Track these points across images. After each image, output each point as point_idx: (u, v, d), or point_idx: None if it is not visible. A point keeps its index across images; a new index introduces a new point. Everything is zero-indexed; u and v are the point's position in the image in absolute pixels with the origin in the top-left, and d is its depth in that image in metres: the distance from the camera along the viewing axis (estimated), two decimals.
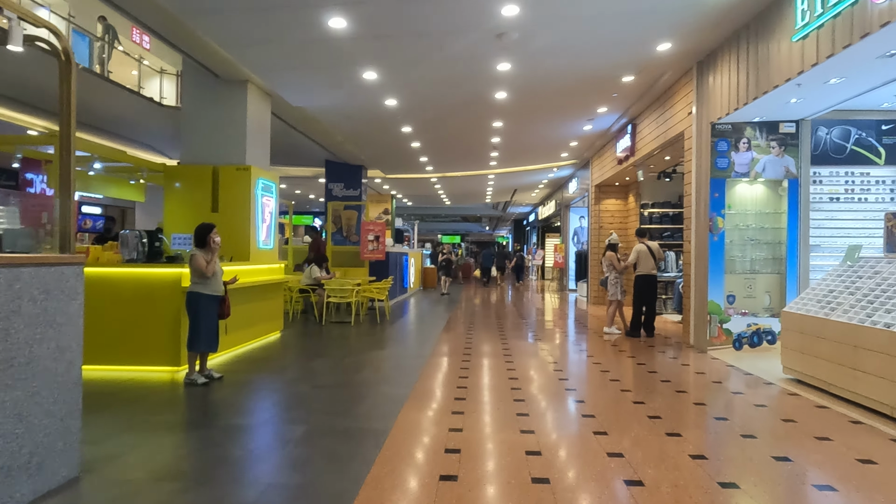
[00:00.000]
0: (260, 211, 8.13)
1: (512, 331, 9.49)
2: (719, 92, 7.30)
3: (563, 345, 8.35)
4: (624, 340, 8.63)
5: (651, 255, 9.01)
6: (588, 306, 14.39)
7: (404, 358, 7.01)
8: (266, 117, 8.77)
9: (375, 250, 12.90)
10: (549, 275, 26.52)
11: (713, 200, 7.55)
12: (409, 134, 11.97)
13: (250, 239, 7.87)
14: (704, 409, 4.85)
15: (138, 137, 13.21)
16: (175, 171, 7.99)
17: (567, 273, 20.50)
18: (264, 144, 8.67)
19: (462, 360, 6.84)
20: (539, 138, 12.84)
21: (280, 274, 8.72)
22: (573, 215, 20.55)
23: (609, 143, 13.18)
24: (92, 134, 11.70)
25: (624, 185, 14.79)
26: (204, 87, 8.02)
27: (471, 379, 5.82)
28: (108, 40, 12.04)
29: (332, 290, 9.88)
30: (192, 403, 4.95)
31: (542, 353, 7.46)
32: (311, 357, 7.09)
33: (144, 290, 6.00)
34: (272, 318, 8.49)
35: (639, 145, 10.96)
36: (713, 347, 7.57)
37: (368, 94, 8.91)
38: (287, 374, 6.04)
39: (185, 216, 7.82)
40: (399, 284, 15.46)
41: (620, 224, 14.99)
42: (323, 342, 8.23)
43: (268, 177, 8.42)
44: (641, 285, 9.03)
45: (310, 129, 12.06)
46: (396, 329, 9.65)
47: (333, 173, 15.62)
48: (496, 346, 7.90)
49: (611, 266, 9.45)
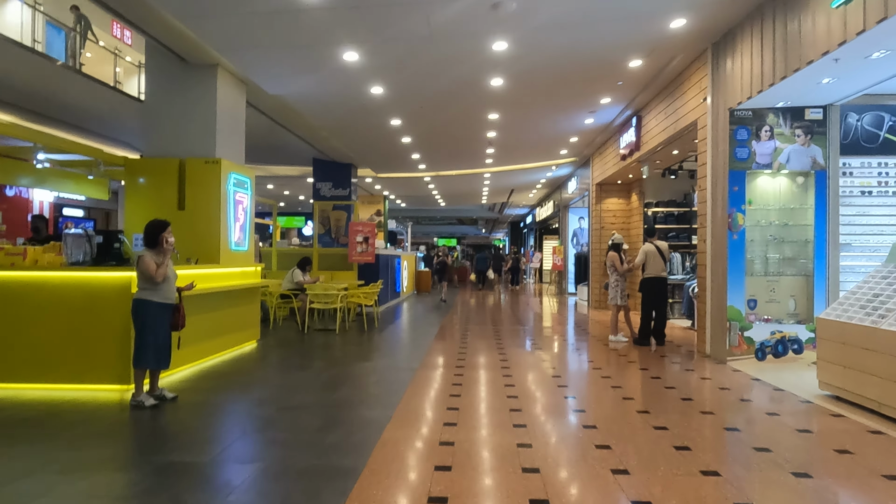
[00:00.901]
0: (232, 209, 7.37)
1: (510, 339, 8.73)
2: (739, 74, 6.58)
3: (565, 355, 7.60)
4: (632, 349, 7.89)
5: (660, 256, 8.27)
6: (589, 311, 13.65)
7: (390, 371, 6.25)
8: (240, 107, 8.01)
9: (364, 253, 12.14)
10: (548, 278, 25.80)
11: (732, 195, 6.82)
12: (398, 128, 11.23)
13: (221, 240, 7.10)
14: (739, 438, 4.10)
15: (119, 136, 12.41)
16: (137, 165, 7.22)
17: (566, 276, 19.76)
18: (238, 137, 7.91)
19: (454, 373, 6.08)
20: (537, 133, 12.11)
21: (256, 278, 7.95)
22: (572, 216, 19.85)
23: (611, 139, 12.46)
24: (66, 131, 10.94)
25: (627, 184, 14.08)
26: (169, 73, 7.26)
27: (463, 398, 5.06)
28: (79, 31, 11.31)
29: (316, 296, 9.12)
30: (131, 433, 4.17)
31: (543, 364, 6.71)
32: (286, 371, 6.31)
33: (89, 296, 5.23)
34: (247, 327, 7.73)
35: (644, 139, 10.25)
36: (733, 358, 6.82)
37: (350, 80, 8.16)
38: (253, 393, 5.27)
39: (149, 215, 7.00)
40: (391, 288, 14.70)
41: (623, 224, 14.27)
42: (302, 353, 7.46)
43: (242, 172, 7.66)
44: (650, 289, 8.29)
45: (294, 125, 11.30)
46: (385, 337, 8.89)
47: (321, 172, 14.86)
48: (493, 356, 7.15)
49: (612, 268, 8.71)
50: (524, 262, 27.80)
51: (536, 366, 6.61)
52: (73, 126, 11.32)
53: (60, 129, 10.86)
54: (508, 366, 6.53)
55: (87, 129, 11.62)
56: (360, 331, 9.40)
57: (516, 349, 7.76)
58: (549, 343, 8.48)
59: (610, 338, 8.66)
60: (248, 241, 7.83)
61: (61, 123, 10.90)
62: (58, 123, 10.81)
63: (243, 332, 7.62)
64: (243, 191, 7.68)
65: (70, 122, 11.20)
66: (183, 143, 7.21)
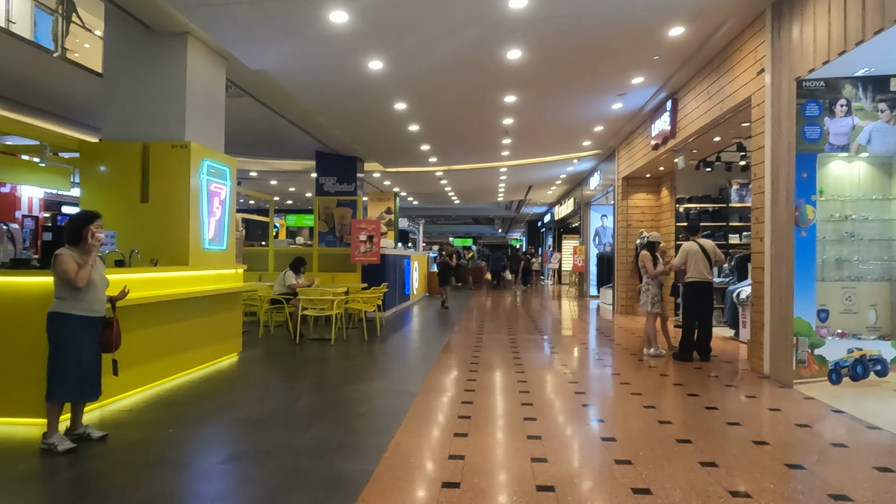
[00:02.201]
0: (206, 201, 6.34)
1: (528, 351, 7.59)
2: (810, 36, 5.38)
3: (595, 374, 6.44)
4: (671, 365, 6.72)
5: (705, 257, 7.08)
6: (614, 316, 12.45)
7: (384, 397, 5.15)
8: (218, 84, 6.98)
9: (368, 252, 11.08)
10: (567, 279, 24.56)
11: (800, 183, 5.62)
12: (402, 113, 10.13)
13: (190, 238, 6.07)
14: None
15: (90, 120, 11.46)
16: (94, 150, 6.20)
17: (588, 278, 18.54)
18: (216, 119, 6.88)
19: (462, 402, 4.97)
20: (559, 121, 10.94)
21: (235, 282, 6.92)
22: (594, 214, 18.63)
23: (641, 127, 11.26)
24: (50, 121, 10.03)
25: (656, 178, 12.85)
26: (133, 43, 6.25)
27: (471, 439, 3.94)
28: (62, 13, 10.39)
29: (308, 301, 8.06)
30: (21, 495, 3.13)
31: (569, 387, 5.57)
32: (257, 397, 5.25)
33: (1, 307, 4.22)
34: (225, 338, 6.70)
35: (681, 125, 9.04)
36: (801, 381, 5.62)
37: (342, 51, 7.07)
38: (203, 432, 4.20)
39: (107, 208, 6.04)
40: (400, 291, 13.63)
41: (652, 222, 13.04)
42: (286, 370, 6.41)
43: (218, 159, 6.63)
44: (693, 295, 7.11)
45: (290, 112, 10.28)
46: (386, 349, 7.81)
47: (325, 166, 13.83)
48: (508, 375, 6.03)
49: (644, 269, 7.53)
50: (536, 263, 26.60)
51: (562, 388, 5.47)
52: (59, 117, 10.43)
53: (44, 119, 9.95)
54: (528, 389, 5.40)
55: (71, 119, 10.72)
56: (359, 340, 8.33)
57: (536, 366, 6.63)
58: (574, 357, 7.33)
59: (644, 351, 7.49)
60: (227, 240, 6.79)
61: (44, 114, 10.00)
62: (41, 114, 9.91)
63: (220, 345, 6.59)
64: (220, 181, 6.65)
65: (55, 113, 10.30)
66: (147, 125, 6.19)
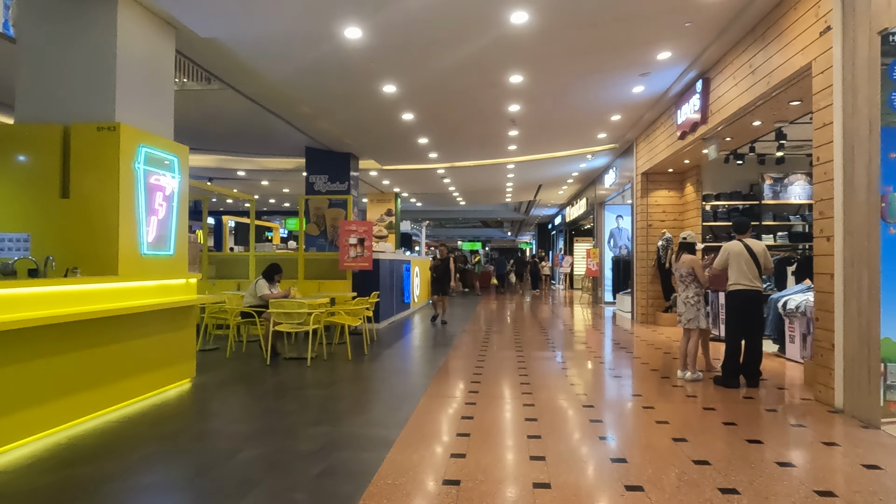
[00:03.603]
0: (143, 196, 5.20)
1: (540, 376, 6.37)
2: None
3: (626, 410, 5.21)
4: (714, 393, 5.48)
5: (752, 261, 5.84)
6: (634, 325, 11.21)
7: (349, 448, 3.96)
8: (163, 56, 5.82)
9: (359, 257, 9.91)
10: (580, 284, 23.30)
11: (887, 165, 4.39)
12: (393, 97, 8.98)
13: (120, 240, 4.92)
14: None
15: None
16: (2, 134, 5.09)
17: (602, 283, 17.28)
18: (160, 98, 5.74)
19: (451, 454, 3.77)
20: (571, 107, 9.74)
21: (186, 294, 5.77)
22: (609, 214, 17.42)
23: (664, 115, 10.03)
24: None
25: (680, 172, 11.60)
26: (51, 5, 5.14)
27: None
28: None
29: (280, 315, 6.90)
30: None
31: (591, 429, 4.36)
32: (183, 450, 4.05)
33: None
34: (171, 362, 5.55)
35: (713, 108, 7.82)
36: (890, 419, 4.38)
37: (312, 13, 5.95)
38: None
39: (19, 205, 4.94)
40: (398, 299, 12.46)
41: (675, 222, 11.79)
42: (239, 405, 5.24)
43: (162, 146, 5.48)
44: (739, 306, 5.87)
45: (271, 101, 9.19)
46: (370, 372, 6.63)
47: (315, 163, 12.73)
48: (515, 412, 4.83)
49: (691, 276, 6.28)
50: (547, 267, 25.36)
51: (583, 431, 4.26)
52: None
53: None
54: (538, 433, 4.19)
55: None
56: (342, 360, 7.17)
57: (549, 398, 5.41)
58: (594, 382, 6.11)
59: (679, 373, 6.25)
60: (175, 244, 5.64)
61: None
62: None
63: (164, 371, 5.45)
64: (165, 172, 5.51)
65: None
66: (69, 103, 5.07)
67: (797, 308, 7.12)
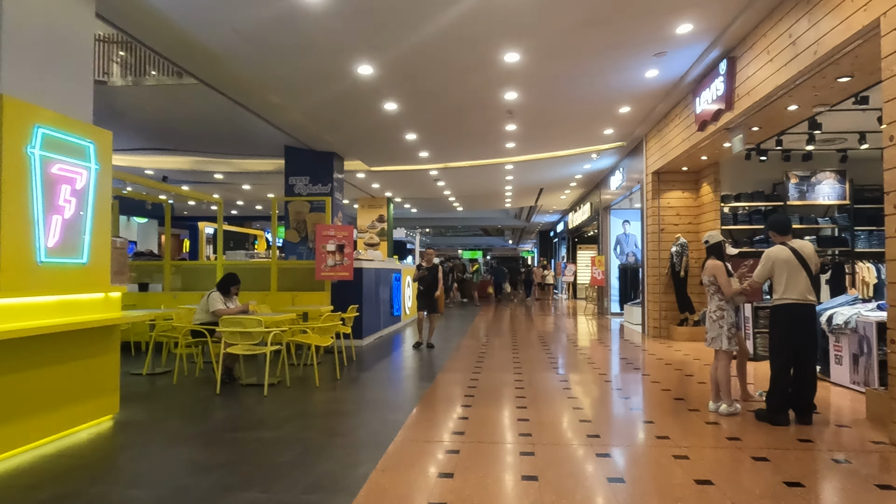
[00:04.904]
0: (40, 189, 4.12)
1: (542, 410, 5.25)
2: None
3: (647, 454, 4.07)
4: (757, 431, 4.36)
5: (802, 267, 4.73)
6: (645, 340, 10.10)
7: None
8: (75, 18, 4.75)
9: (338, 266, 8.82)
10: (584, 294, 22.17)
11: None
12: (370, 81, 7.93)
13: (2, 245, 3.84)
14: None
15: None
16: None
17: (608, 293, 16.16)
18: (70, 69, 4.67)
19: None
20: (576, 96, 8.68)
21: (107, 311, 4.69)
22: (615, 220, 16.31)
23: (679, 105, 8.98)
24: None
25: (695, 171, 10.52)
26: None
27: None
28: None
29: (232, 335, 5.80)
30: None
31: (610, 491, 3.24)
32: None
33: None
34: (85, 397, 4.46)
35: (741, 90, 6.77)
36: None
37: None
38: None
39: None
40: (386, 312, 11.35)
41: (690, 225, 10.70)
42: (158, 454, 4.11)
43: (70, 128, 4.41)
44: (789, 324, 4.75)
45: (239, 92, 8.17)
46: (338, 403, 5.52)
47: (295, 163, 11.68)
48: (511, 461, 3.71)
49: (714, 286, 5.16)
50: (550, 276, 24.26)
51: (600, 487, 3.14)
52: None
53: None
54: (541, 501, 3.08)
55: None
56: (307, 387, 6.06)
57: (554, 442, 4.29)
58: (611, 419, 4.98)
59: (711, 406, 5.12)
60: (88, 250, 4.56)
61: None
62: None
63: (74, 408, 4.35)
64: (76, 161, 4.44)
65: None
66: None
67: (846, 324, 6.02)
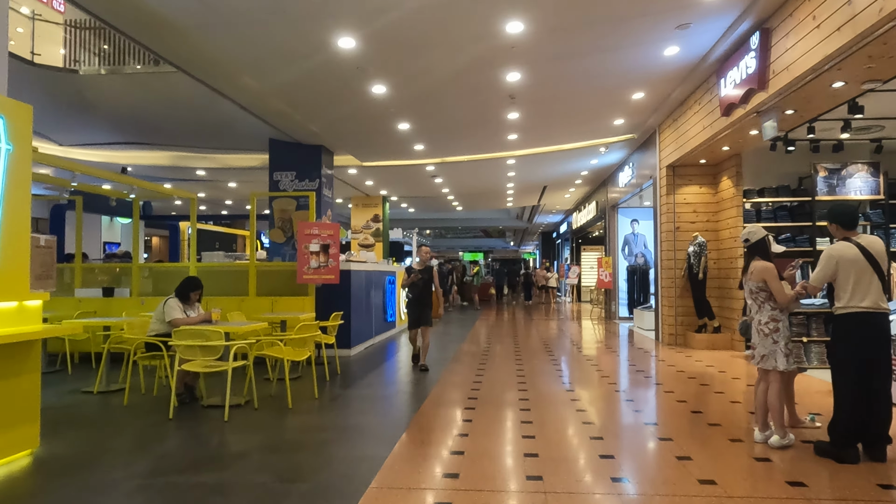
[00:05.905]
0: None
1: (552, 440, 4.38)
2: None
3: (690, 495, 3.19)
4: (822, 471, 3.48)
5: (873, 268, 3.85)
6: (658, 348, 9.23)
7: None
8: None
9: (322, 268, 7.95)
10: (589, 297, 21.28)
11: None
12: (353, 54, 7.08)
13: None
14: None
15: None
16: None
17: (616, 296, 15.29)
18: None
19: None
20: (585, 78, 7.83)
21: (23, 322, 3.82)
22: (623, 219, 15.45)
23: (699, 90, 8.12)
24: None
25: (714, 164, 9.66)
26: None
27: None
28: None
29: (189, 349, 4.93)
30: None
31: None
32: None
33: None
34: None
35: (776, 66, 5.91)
36: None
37: None
38: None
39: None
40: (378, 319, 10.49)
41: (709, 223, 9.84)
42: (71, 500, 3.25)
43: None
44: (857, 338, 3.87)
45: (212, 76, 7.34)
46: (309, 431, 4.64)
47: (281, 158, 10.83)
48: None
49: (765, 292, 4.29)
50: (553, 278, 23.37)
51: None
52: None
53: None
54: None
55: None
56: (278, 409, 5.20)
57: (566, 486, 3.41)
58: (635, 453, 4.09)
59: (757, 435, 4.25)
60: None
61: None
62: None
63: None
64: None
65: None
66: None
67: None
